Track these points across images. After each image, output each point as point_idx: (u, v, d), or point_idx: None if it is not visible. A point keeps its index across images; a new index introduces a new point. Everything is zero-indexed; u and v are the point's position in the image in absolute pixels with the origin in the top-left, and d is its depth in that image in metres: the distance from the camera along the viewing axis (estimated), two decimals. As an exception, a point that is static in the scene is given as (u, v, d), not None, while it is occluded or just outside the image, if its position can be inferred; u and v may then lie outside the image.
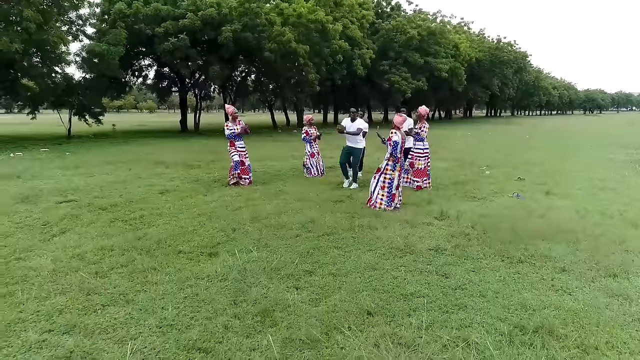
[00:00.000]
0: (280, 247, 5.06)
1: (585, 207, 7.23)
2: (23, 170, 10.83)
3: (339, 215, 6.55)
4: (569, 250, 5.01)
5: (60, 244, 5.16)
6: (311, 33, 24.59)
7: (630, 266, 4.49)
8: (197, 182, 9.55)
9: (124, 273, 4.28)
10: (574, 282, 4.12)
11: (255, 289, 3.88)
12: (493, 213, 6.71)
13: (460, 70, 41.99)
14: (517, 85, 68.10)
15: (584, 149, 18.42)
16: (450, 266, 4.50)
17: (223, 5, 21.12)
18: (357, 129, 9.02)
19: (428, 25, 36.09)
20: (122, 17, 20.13)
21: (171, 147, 17.50)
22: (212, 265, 4.48)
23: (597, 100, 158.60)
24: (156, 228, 5.86)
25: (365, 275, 4.23)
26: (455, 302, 3.69)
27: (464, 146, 19.12)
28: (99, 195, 7.95)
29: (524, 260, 4.69)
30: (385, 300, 3.70)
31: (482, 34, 55.76)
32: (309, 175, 10.64)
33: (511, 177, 10.51)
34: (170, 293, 3.84)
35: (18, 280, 4.10)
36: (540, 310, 3.54)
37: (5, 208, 6.89)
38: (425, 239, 5.39)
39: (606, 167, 12.53)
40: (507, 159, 14.13)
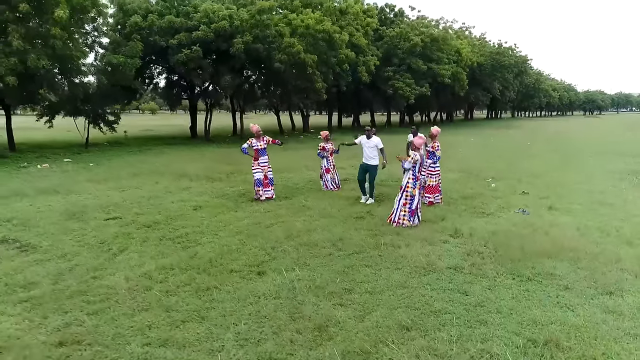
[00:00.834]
0: (318, 266, 5.77)
1: (586, 223, 7.94)
2: (58, 184, 11.53)
3: (363, 233, 7.27)
4: (571, 268, 5.72)
5: (124, 263, 5.87)
6: (318, 43, 25.31)
7: (625, 284, 5.20)
8: (225, 197, 10.26)
9: (191, 291, 5.00)
10: (575, 300, 4.83)
11: (307, 307, 4.59)
12: (502, 230, 7.42)
13: (462, 75, 42.76)
14: (517, 88, 68.85)
15: (583, 158, 19.14)
16: (469, 284, 5.21)
17: (235, 18, 21.83)
18: (377, 148, 9.68)
19: (431, 32, 36.84)
20: (138, 30, 20.82)
21: (187, 157, 18.20)
22: (263, 284, 5.20)
23: (597, 101, 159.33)
24: (203, 247, 6.57)
25: (397, 294, 4.95)
26: (476, 318, 4.40)
27: (468, 154, 19.83)
28: (139, 212, 8.66)
29: (532, 279, 5.40)
30: (418, 317, 4.41)
31: (483, 38, 56.60)
32: (326, 189, 11.34)
33: (516, 190, 11.22)
34: (236, 310, 4.55)
35: (103, 299, 4.81)
36: (548, 326, 4.25)
37: (60, 226, 7.60)
38: (444, 258, 6.10)
39: (605, 179, 13.23)
40: (510, 170, 14.84)
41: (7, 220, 7.94)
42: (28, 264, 5.79)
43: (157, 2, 23.14)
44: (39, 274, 5.47)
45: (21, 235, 7.05)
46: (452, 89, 43.53)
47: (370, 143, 9.80)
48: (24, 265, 5.75)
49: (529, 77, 75.34)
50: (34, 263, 5.84)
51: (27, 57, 14.43)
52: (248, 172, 13.55)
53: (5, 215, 8.25)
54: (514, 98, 74.69)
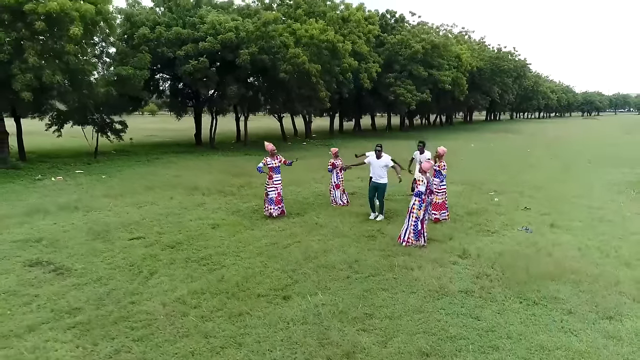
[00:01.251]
0: (338, 290, 6.19)
1: (586, 242, 8.39)
2: (76, 199, 11.92)
3: (377, 254, 7.70)
4: (574, 291, 6.16)
5: (157, 287, 6.28)
6: (322, 52, 25.73)
7: (623, 308, 5.64)
8: (239, 213, 10.67)
9: (224, 316, 5.41)
10: (578, 324, 5.27)
11: (333, 332, 5.02)
12: (508, 250, 7.85)
13: (462, 80, 43.26)
14: (516, 91, 69.37)
15: (582, 168, 19.61)
16: (480, 309, 5.64)
17: (241, 29, 22.23)
18: (388, 166, 10.11)
19: (432, 39, 37.30)
20: (146, 41, 21.21)
21: (195, 168, 18.58)
22: (290, 309, 5.62)
23: (594, 102, 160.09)
24: (227, 269, 6.99)
25: (414, 319, 5.37)
26: (489, 343, 4.84)
27: (470, 163, 20.23)
28: (160, 231, 9.06)
29: (538, 302, 5.83)
30: (435, 342, 4.84)
31: (482, 42, 57.10)
32: (335, 204, 11.76)
33: (518, 205, 11.67)
34: (269, 336, 4.97)
35: (144, 325, 5.22)
36: (554, 351, 4.68)
37: (88, 246, 8.01)
38: (455, 281, 6.53)
39: (603, 192, 13.70)
40: (512, 182, 15.29)
41: (36, 241, 8.33)
42: (67, 289, 6.20)
43: (163, 13, 23.54)
44: (80, 299, 5.88)
45: (53, 257, 7.46)
46: (452, 94, 44.03)
47: (380, 163, 10.22)
48: (64, 290, 6.15)
49: (527, 80, 75.93)
50: (73, 287, 6.25)
51: (42, 73, 14.82)
52: (258, 186, 14.07)
53: (34, 235, 8.65)
54: (512, 101, 75.24)
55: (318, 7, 29.88)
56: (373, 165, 10.37)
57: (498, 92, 59.14)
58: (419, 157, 11.14)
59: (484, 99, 59.52)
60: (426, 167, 8.44)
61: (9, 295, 5.99)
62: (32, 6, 14.09)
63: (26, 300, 5.81)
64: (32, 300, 5.82)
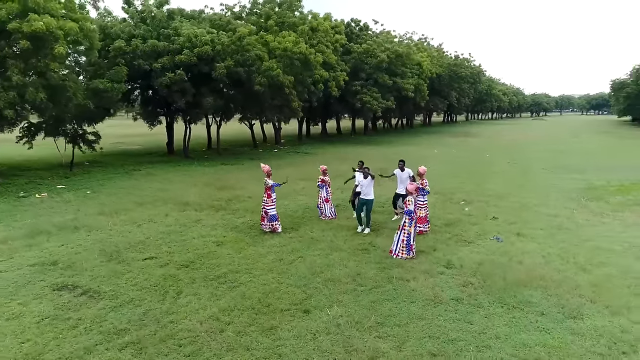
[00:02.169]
0: (349, 302, 7.14)
1: (548, 250, 9.74)
2: (72, 218, 12.23)
3: (374, 267, 8.71)
4: (543, 296, 7.39)
5: (189, 306, 7.00)
6: (294, 63, 26.59)
7: (584, 309, 6.90)
8: (237, 229, 11.40)
9: (258, 331, 6.24)
10: (549, 324, 6.46)
11: (355, 340, 5.96)
12: (485, 260, 9.06)
13: (423, 87, 45.32)
14: (472, 95, 72.81)
15: (537, 174, 21.51)
16: (470, 314, 6.75)
17: (216, 42, 22.73)
18: (372, 183, 11.16)
19: (396, 49, 38.96)
20: (122, 54, 21.34)
21: (178, 180, 18.95)
22: (313, 321, 6.51)
23: (542, 103, 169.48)
24: (245, 286, 7.78)
25: (419, 325, 6.41)
26: (482, 343, 5.93)
27: (437, 172, 21.65)
28: (169, 250, 9.69)
29: (516, 306, 7.02)
30: (440, 345, 5.88)
31: (440, 49, 59.69)
32: (324, 218, 12.68)
33: (487, 215, 13.02)
34: (301, 346, 5.85)
35: (190, 342, 5.97)
36: (533, 347, 5.83)
37: (106, 268, 8.56)
38: (446, 290, 7.63)
39: (558, 199, 15.34)
40: (478, 190, 16.76)
41: (52, 264, 8.78)
42: (105, 311, 6.82)
43: (138, 26, 23.63)
44: (121, 320, 6.53)
45: (77, 281, 7.98)
46: (414, 100, 45.98)
47: (366, 182, 11.24)
48: (103, 312, 6.77)
49: (482, 84, 79.81)
50: (110, 310, 6.87)
51: (25, 91, 14.89)
52: (244, 200, 14.85)
53: (48, 259, 9.08)
54: (468, 104, 78.93)
55: (288, 18, 30.68)
56: (361, 185, 11.37)
57: (456, 97, 62.03)
58: (400, 175, 12.33)
59: (443, 102, 62.38)
60: (411, 188, 9.54)
61: (52, 319, 6.55)
62: (16, 25, 14.16)
63: (72, 324, 6.40)
64: (78, 324, 6.41)
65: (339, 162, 25.40)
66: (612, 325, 6.37)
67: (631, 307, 6.93)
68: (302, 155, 30.31)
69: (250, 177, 20.02)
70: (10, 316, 6.65)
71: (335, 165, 22.95)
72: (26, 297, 7.30)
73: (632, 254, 9.43)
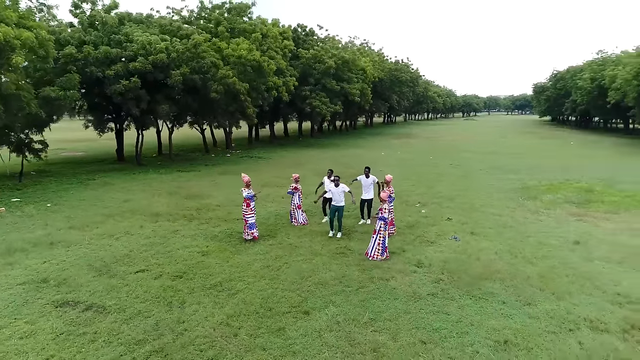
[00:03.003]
0: (342, 303, 8.03)
1: (499, 247, 11.21)
2: (45, 234, 12.08)
3: (355, 269, 9.66)
4: (502, 287, 8.72)
5: (196, 314, 7.56)
6: (247, 70, 27.05)
7: (536, 296, 8.28)
8: (217, 238, 11.90)
9: (268, 332, 6.96)
10: (511, 311, 7.75)
11: (355, 335, 6.88)
12: (449, 258, 10.31)
13: (367, 91, 47.26)
14: (411, 97, 76.41)
15: (477, 175, 23.61)
16: (446, 306, 7.89)
17: (171, 50, 22.70)
18: (344, 193, 12.12)
19: (342, 55, 40.39)
20: (74, 61, 20.76)
21: (139, 190, 18.84)
22: (315, 321, 7.34)
23: (472, 104, 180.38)
24: (243, 293, 8.44)
25: (406, 318, 7.44)
26: (461, 330, 7.07)
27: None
28: (157, 262, 10.06)
29: (482, 298, 8.27)
30: (427, 334, 6.94)
31: (381, 54, 62.22)
32: (296, 224, 13.47)
33: (442, 216, 14.44)
34: (311, 343, 6.66)
35: (208, 347, 6.58)
36: (501, 330, 7.05)
37: (101, 283, 8.82)
38: (422, 286, 8.75)
39: (499, 199, 17.20)
40: (429, 193, 18.31)
41: (43, 282, 8.90)
42: (118, 324, 7.22)
43: (87, 30, 22.98)
44: (137, 331, 6.98)
45: (77, 297, 8.24)
46: (359, 104, 47.78)
47: (338, 190, 12.19)
48: (116, 325, 7.17)
49: (419, 87, 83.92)
50: (122, 322, 7.28)
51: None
52: (214, 209, 15.28)
53: (36, 276, 9.15)
54: (407, 106, 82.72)
55: (239, 24, 31.03)
56: (333, 192, 12.30)
57: (396, 100, 64.94)
58: (365, 181, 13.43)
59: (384, 105, 65.14)
60: (384, 196, 10.62)
61: (68, 335, 6.87)
62: (-30, 35, 13.65)
63: (90, 338, 6.77)
64: (95, 337, 6.80)
65: (295, 167, 26.22)
66: (559, 308, 7.77)
67: (572, 292, 8.42)
68: (256, 160, 30.77)
69: (212, 184, 20.33)
70: (23, 335, 6.88)
71: (291, 171, 23.68)
72: (31, 316, 7.49)
73: (567, 248, 11.13)
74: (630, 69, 41.63)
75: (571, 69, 73.63)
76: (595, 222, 13.71)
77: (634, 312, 7.58)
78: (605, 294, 8.32)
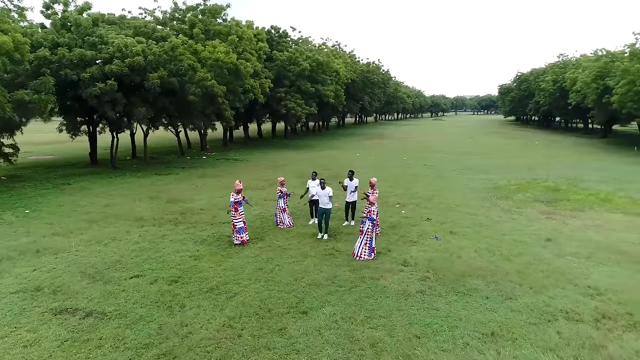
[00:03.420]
0: (337, 302, 8.43)
1: (478, 245, 11.87)
2: (30, 242, 11.93)
3: (345, 269, 10.07)
4: (484, 283, 9.32)
5: (198, 318, 7.78)
6: (224, 72, 27.09)
7: (515, 291, 8.91)
8: (206, 242, 12.08)
9: (270, 332, 7.27)
10: (494, 305, 8.34)
11: (354, 332, 7.28)
12: (433, 257, 10.87)
13: (341, 92, 47.89)
14: (382, 98, 77.69)
15: (450, 176, 24.50)
16: (435, 303, 8.41)
17: (148, 52, 22.53)
18: (330, 197, 12.50)
19: (317, 57, 40.82)
20: (48, 64, 20.33)
21: (118, 194, 18.66)
22: (314, 320, 7.69)
23: (440, 104, 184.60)
24: (241, 296, 8.70)
25: (399, 315, 7.90)
26: (451, 324, 7.58)
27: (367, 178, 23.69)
28: (150, 268, 10.17)
29: (467, 294, 8.83)
30: (420, 329, 7.42)
31: (353, 55, 63.08)
32: (282, 227, 13.77)
33: (421, 216, 15.06)
34: (313, 341, 7.02)
35: (214, 348, 6.83)
36: (487, 323, 7.61)
37: (97, 290, 8.89)
38: (410, 284, 9.25)
39: (474, 199, 18.01)
40: (407, 194, 18.95)
41: (37, 290, 8.90)
42: (121, 329, 7.37)
43: (60, 32, 22.48)
44: (141, 335, 7.16)
45: (75, 304, 8.30)
46: (333, 105, 48.37)
47: (324, 193, 12.57)
48: (119, 330, 7.32)
49: (390, 88, 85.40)
50: (125, 327, 7.43)
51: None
52: (197, 213, 15.39)
53: (29, 284, 9.13)
54: (378, 106, 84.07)
55: (214, 26, 30.96)
56: (320, 195, 12.67)
57: (368, 101, 65.95)
58: (350, 184, 13.88)
59: (356, 106, 66.04)
60: (373, 199, 11.09)
61: (73, 342, 6.99)
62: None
63: (96, 344, 6.91)
64: (101, 343, 6.94)
65: (273, 169, 26.50)
66: (537, 301, 8.42)
67: (547, 286, 9.10)
68: (233, 162, 30.79)
69: (193, 188, 20.33)
70: (27, 343, 6.94)
71: (270, 174, 24.04)
72: (31, 324, 7.53)
73: (539, 244, 11.90)
74: (590, 72, 43.87)
75: (534, 71, 76.69)
76: (564, 219, 14.63)
77: (603, 303, 8.31)
78: (577, 287, 9.04)
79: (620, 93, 35.41)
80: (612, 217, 14.82)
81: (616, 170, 25.90)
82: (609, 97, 38.25)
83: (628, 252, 11.12)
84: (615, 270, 9.98)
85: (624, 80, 35.01)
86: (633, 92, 33.85)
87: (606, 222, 14.23)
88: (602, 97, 41.30)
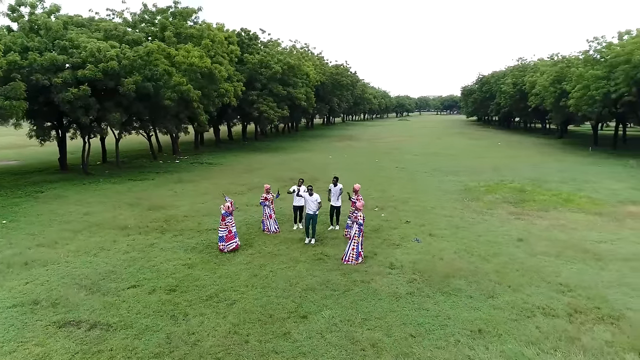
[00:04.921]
0: (334, 305, 8.91)
1: (457, 247, 12.64)
2: (15, 253, 11.79)
3: (336, 274, 10.57)
4: (467, 283, 10.04)
5: (202, 326, 8.08)
6: (199, 77, 27.07)
7: (495, 290, 9.66)
8: (197, 250, 12.30)
9: (275, 337, 7.68)
10: (478, 304, 9.05)
11: (354, 334, 7.79)
12: (417, 259, 11.53)
13: (311, 95, 48.41)
14: (350, 100, 78.81)
15: (422, 177, 25.47)
16: (424, 303, 9.03)
17: (122, 57, 22.28)
18: (318, 203, 12.96)
19: (288, 60, 41.16)
20: (18, 69, 19.79)
21: (96, 202, 18.45)
22: (315, 323, 8.15)
23: (405, 105, 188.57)
24: (240, 303, 9.05)
25: (393, 316, 8.48)
26: (440, 323, 8.22)
27: (343, 181, 24.27)
28: (146, 277, 10.33)
29: (452, 294, 9.51)
30: (414, 328, 8.02)
31: (321, 57, 63.73)
32: (268, 232, 14.13)
33: (400, 219, 15.76)
34: (317, 344, 7.48)
35: (226, 354, 7.18)
36: (474, 321, 8.30)
37: (97, 301, 9.02)
38: (399, 287, 9.85)
39: (447, 201, 18.91)
40: (384, 197, 19.66)
41: (35, 303, 8.93)
42: (130, 340, 7.58)
43: (29, 36, 21.87)
44: (152, 345, 7.41)
45: (78, 316, 8.42)
46: (304, 108, 48.85)
47: (312, 198, 13.03)
48: (127, 341, 7.53)
49: (357, 90, 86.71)
50: (133, 338, 7.64)
51: None
52: (181, 220, 15.53)
53: (25, 299, 9.13)
54: (346, 108, 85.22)
55: (185, 29, 30.79)
56: (307, 200, 13.12)
57: (337, 102, 66.82)
58: (334, 190, 14.39)
59: (325, 107, 66.85)
60: (360, 205, 11.64)
61: (84, 354, 7.16)
62: None
63: (108, 356, 7.11)
64: (113, 355, 7.14)
65: (249, 173, 26.73)
66: (516, 299, 9.20)
67: (523, 284, 9.92)
68: (207, 166, 30.73)
69: (172, 194, 20.32)
70: (37, 357, 7.06)
71: (246, 179, 24.27)
72: (37, 338, 7.63)
73: (512, 245, 12.80)
74: (547, 76, 46.26)
75: (495, 74, 79.78)
76: (531, 220, 15.69)
77: (574, 298, 9.18)
78: (550, 285, 9.91)
79: (576, 97, 37.62)
80: (574, 217, 16.01)
81: (575, 171, 27.63)
82: (566, 101, 40.51)
83: (591, 250, 12.17)
84: (581, 268, 10.94)
85: (579, 84, 37.23)
86: (587, 97, 36.05)
87: (569, 221, 15.37)
88: (559, 100, 43.66)
